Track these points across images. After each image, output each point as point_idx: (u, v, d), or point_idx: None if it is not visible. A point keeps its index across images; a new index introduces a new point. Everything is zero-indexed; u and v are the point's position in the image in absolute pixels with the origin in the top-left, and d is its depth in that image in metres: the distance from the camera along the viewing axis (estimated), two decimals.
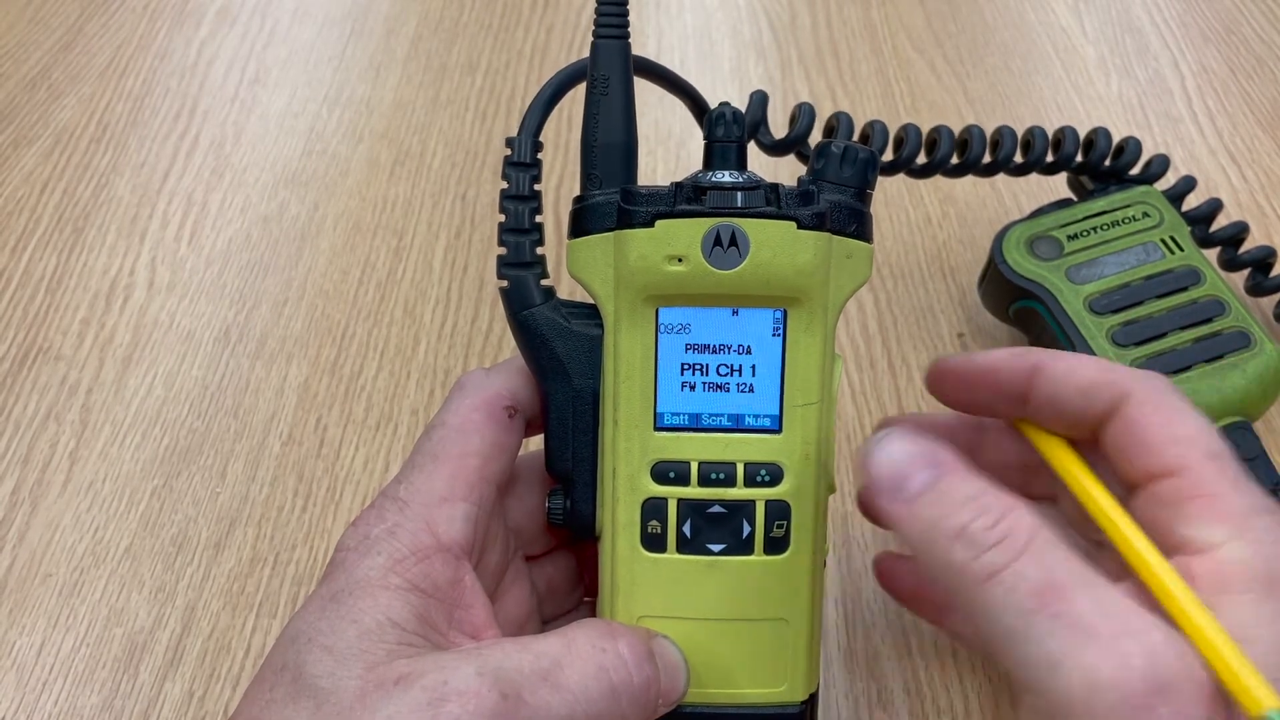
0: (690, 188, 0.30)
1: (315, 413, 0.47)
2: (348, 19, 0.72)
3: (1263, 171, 0.60)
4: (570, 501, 0.32)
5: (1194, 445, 0.29)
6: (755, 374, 0.31)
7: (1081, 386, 0.31)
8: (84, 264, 0.54)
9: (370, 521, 0.30)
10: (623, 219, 0.30)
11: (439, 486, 0.30)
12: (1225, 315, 0.44)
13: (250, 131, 0.63)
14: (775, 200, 0.30)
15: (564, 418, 0.31)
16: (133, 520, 0.43)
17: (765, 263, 0.29)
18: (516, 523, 0.33)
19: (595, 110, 0.32)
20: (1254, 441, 0.42)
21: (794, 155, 0.47)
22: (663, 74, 0.36)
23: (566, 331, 0.31)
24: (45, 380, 0.48)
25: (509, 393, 0.32)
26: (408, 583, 0.28)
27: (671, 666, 0.30)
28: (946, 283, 0.53)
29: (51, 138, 0.62)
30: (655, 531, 0.31)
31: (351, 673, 0.27)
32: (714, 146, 0.31)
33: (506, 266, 0.31)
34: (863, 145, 0.31)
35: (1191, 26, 0.72)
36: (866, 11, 0.73)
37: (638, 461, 0.31)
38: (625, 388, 0.30)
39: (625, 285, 0.30)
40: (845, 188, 0.31)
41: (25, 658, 0.39)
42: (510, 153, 0.32)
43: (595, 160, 0.32)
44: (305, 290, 0.53)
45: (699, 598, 0.31)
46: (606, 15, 0.32)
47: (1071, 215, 0.47)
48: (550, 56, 0.69)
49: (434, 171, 0.60)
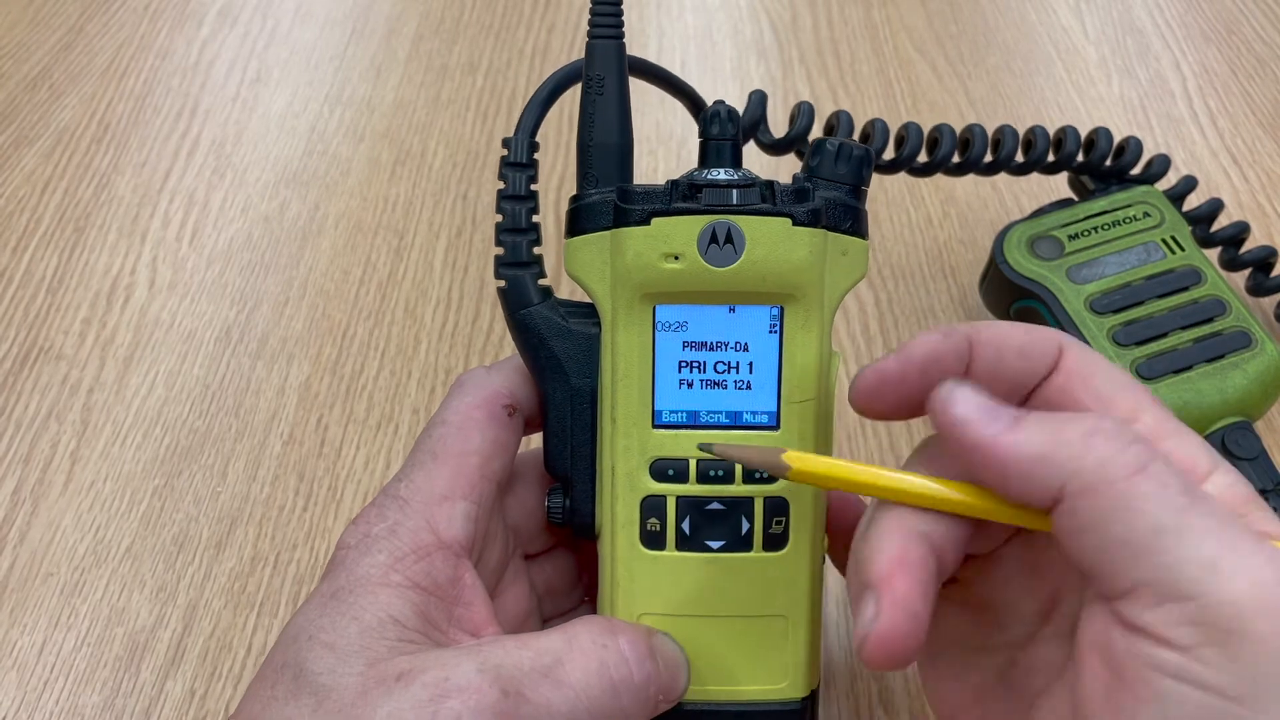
0: (685, 185, 0.30)
1: (316, 412, 0.47)
2: (349, 19, 0.72)
3: (1263, 172, 0.60)
4: (569, 500, 0.32)
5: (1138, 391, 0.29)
6: (753, 371, 0.31)
7: (1020, 346, 0.30)
8: (85, 264, 0.54)
9: (371, 519, 0.30)
10: (619, 217, 0.30)
11: (439, 485, 0.30)
12: (1226, 315, 0.44)
13: (251, 131, 0.63)
14: (770, 197, 0.30)
15: (562, 417, 0.31)
16: (134, 520, 0.43)
17: (761, 259, 0.29)
18: (516, 521, 0.33)
19: (591, 110, 0.32)
20: (1255, 441, 0.42)
21: (794, 154, 0.47)
22: (660, 74, 0.36)
23: (564, 330, 0.31)
24: (46, 380, 0.49)
25: (509, 391, 0.32)
26: (408, 580, 0.28)
27: (672, 664, 0.30)
28: (947, 283, 0.53)
29: (52, 137, 0.62)
30: (654, 529, 0.31)
31: (352, 669, 0.27)
32: (709, 144, 0.31)
33: (504, 266, 0.32)
34: (858, 142, 0.31)
35: (1193, 27, 0.72)
36: (868, 12, 0.73)
37: (636, 459, 0.31)
38: (623, 386, 0.31)
39: (622, 283, 0.30)
40: (840, 184, 0.31)
41: (27, 657, 0.39)
42: (507, 153, 0.32)
43: (591, 160, 0.32)
44: (306, 290, 0.53)
45: (699, 595, 0.31)
46: (601, 16, 0.32)
47: (1072, 215, 0.47)
48: (551, 56, 0.69)
49: (435, 171, 0.60)
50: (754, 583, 0.31)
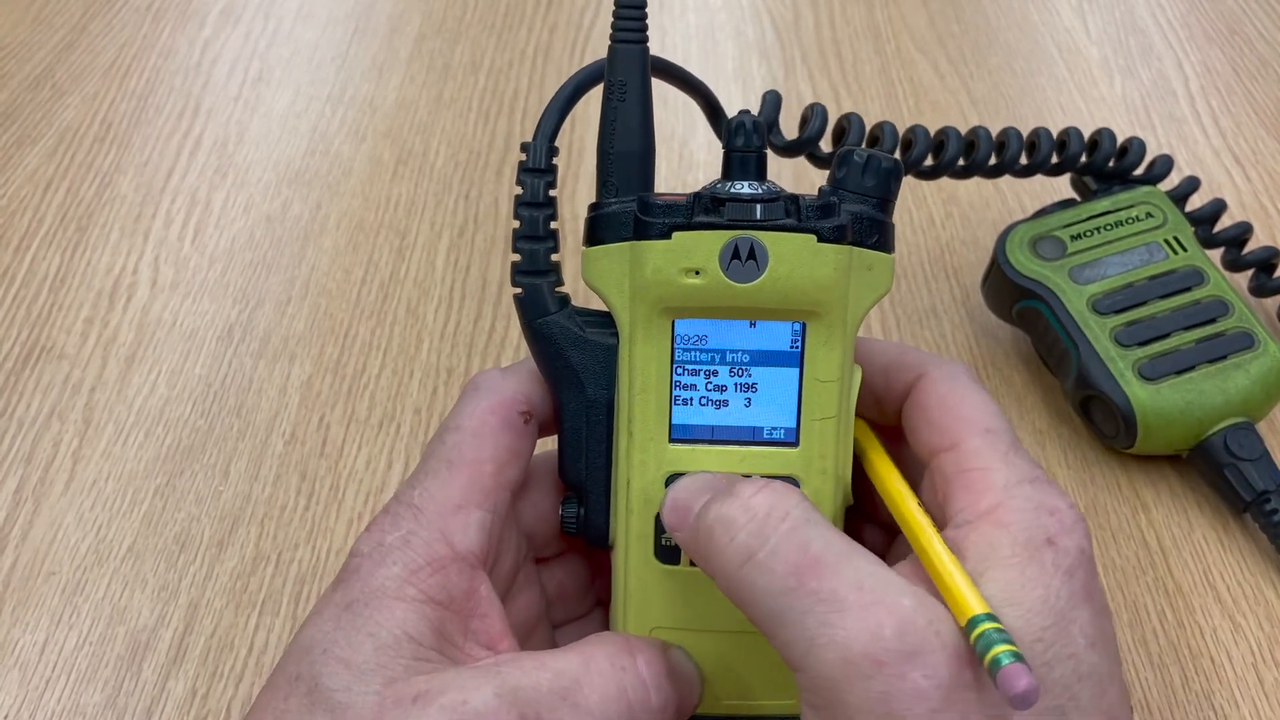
0: (708, 199, 0.29)
1: (318, 411, 0.47)
2: (351, 18, 0.73)
3: (1266, 173, 0.60)
4: (584, 510, 0.31)
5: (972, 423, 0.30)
6: (772, 387, 0.30)
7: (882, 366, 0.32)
8: (87, 263, 0.54)
9: (385, 528, 0.29)
10: (639, 229, 0.29)
11: (454, 494, 0.30)
12: (1229, 316, 0.44)
13: (253, 131, 0.63)
14: (795, 212, 0.29)
15: (578, 427, 0.31)
16: (135, 519, 0.43)
17: (784, 276, 0.29)
18: (529, 526, 0.33)
19: (612, 117, 0.31)
20: (1257, 442, 0.42)
21: (805, 157, 0.46)
22: (677, 73, 0.36)
23: (581, 341, 0.30)
24: (48, 379, 0.49)
25: (524, 396, 0.31)
26: (423, 594, 0.28)
27: (684, 679, 0.30)
28: (949, 283, 0.53)
29: (55, 137, 0.62)
30: (669, 544, 0.30)
31: (369, 688, 0.26)
32: (733, 156, 0.30)
33: (521, 274, 0.31)
34: (886, 154, 0.30)
35: (1195, 27, 0.72)
36: (870, 12, 0.73)
37: (652, 474, 0.30)
38: (640, 399, 0.30)
39: (641, 296, 0.29)
40: (867, 198, 0.30)
41: (28, 656, 0.39)
42: (525, 158, 0.31)
43: (611, 168, 0.31)
44: (308, 289, 0.53)
45: (713, 610, 0.30)
46: (625, 19, 0.31)
47: (1075, 215, 0.47)
48: (553, 56, 0.69)
49: (437, 171, 0.60)
50: None
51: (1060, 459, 0.46)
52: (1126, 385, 0.43)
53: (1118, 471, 0.45)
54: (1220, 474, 0.42)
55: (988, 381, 0.49)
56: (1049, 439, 0.46)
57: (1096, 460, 0.45)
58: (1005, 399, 0.48)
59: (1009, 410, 0.47)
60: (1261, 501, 0.41)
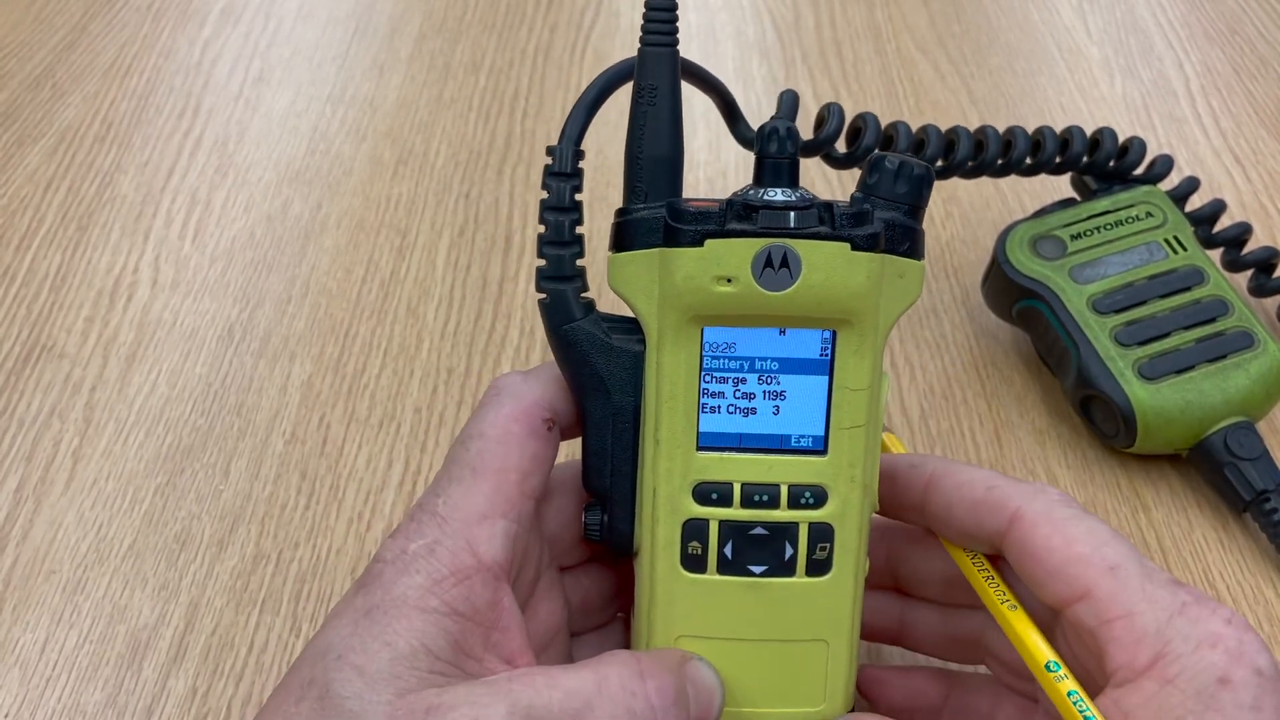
0: (740, 206, 0.28)
1: (318, 411, 0.47)
2: (351, 18, 0.73)
3: (1266, 173, 0.60)
4: (608, 518, 0.31)
5: (1094, 563, 0.29)
6: (801, 395, 0.30)
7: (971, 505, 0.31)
8: (88, 262, 0.54)
9: (409, 535, 0.29)
10: (669, 237, 0.29)
11: (479, 503, 0.29)
12: (1228, 315, 0.44)
13: (254, 130, 0.63)
14: (829, 220, 0.28)
15: (603, 435, 0.30)
16: (136, 518, 0.43)
17: (817, 285, 0.28)
18: (552, 533, 0.32)
19: (642, 121, 0.31)
20: (1257, 441, 0.42)
21: (820, 157, 0.46)
22: (701, 75, 0.35)
23: (607, 347, 0.30)
24: (49, 378, 0.49)
25: (547, 403, 0.31)
26: (446, 605, 0.28)
27: (706, 690, 0.30)
28: (950, 283, 0.53)
29: (55, 136, 0.62)
30: (696, 552, 0.30)
31: (381, 697, 0.26)
32: (765, 163, 0.30)
33: (546, 280, 0.30)
34: (918, 160, 0.30)
35: (1195, 27, 0.72)
36: (870, 11, 0.73)
37: (679, 482, 0.30)
38: (668, 407, 0.30)
39: (670, 304, 0.29)
40: (898, 204, 0.29)
41: (29, 654, 0.39)
42: (551, 161, 0.30)
43: (640, 172, 0.31)
44: (309, 288, 0.53)
45: (739, 618, 0.30)
46: (656, 21, 0.30)
47: (1075, 215, 0.47)
48: (554, 56, 0.69)
49: (437, 170, 0.60)
50: (796, 608, 0.30)
51: (1060, 459, 0.46)
52: (1126, 385, 0.43)
53: (1118, 471, 0.45)
54: (1220, 473, 0.42)
55: (988, 381, 0.49)
56: (1049, 439, 0.46)
57: (1096, 460, 0.45)
58: (1005, 399, 0.48)
59: (1009, 410, 0.47)
60: (1261, 501, 0.41)
